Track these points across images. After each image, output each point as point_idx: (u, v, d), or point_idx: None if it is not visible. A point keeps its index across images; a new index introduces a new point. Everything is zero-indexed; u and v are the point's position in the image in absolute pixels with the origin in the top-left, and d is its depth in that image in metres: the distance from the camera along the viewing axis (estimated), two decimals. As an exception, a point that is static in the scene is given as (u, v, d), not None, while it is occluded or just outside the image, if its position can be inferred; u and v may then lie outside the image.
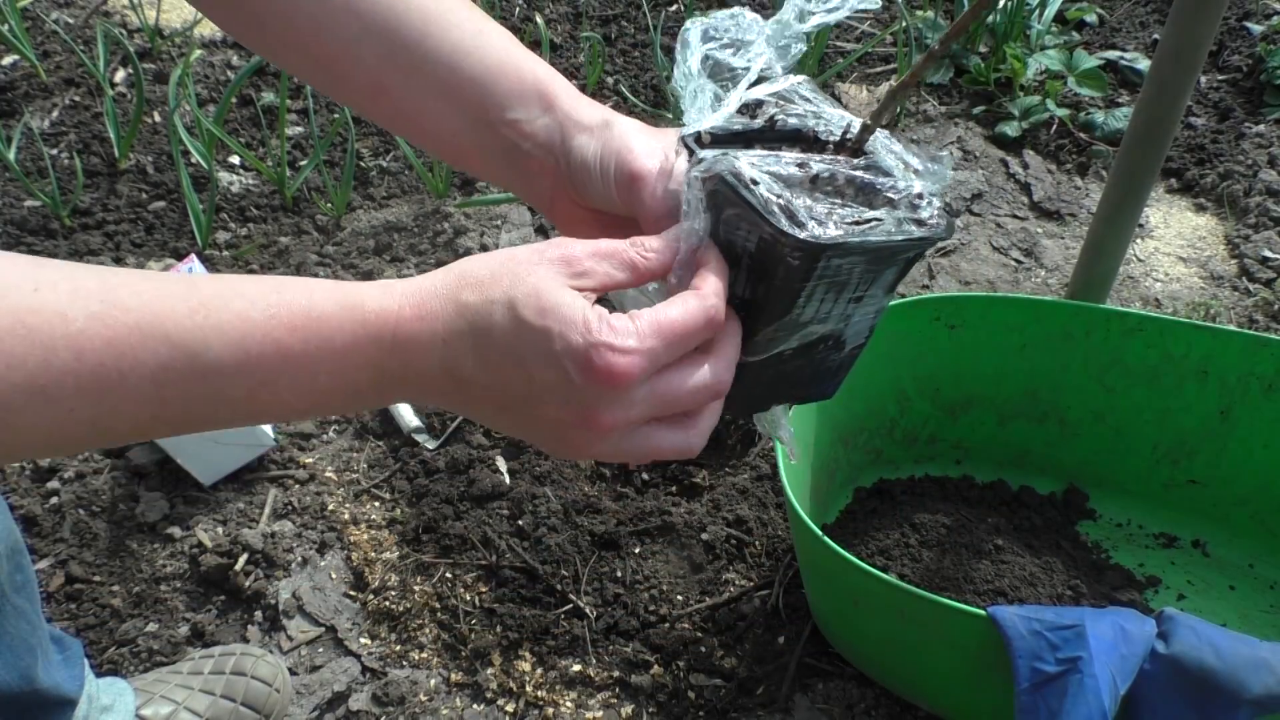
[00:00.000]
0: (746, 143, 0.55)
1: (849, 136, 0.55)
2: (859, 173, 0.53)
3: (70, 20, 2.03)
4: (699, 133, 0.53)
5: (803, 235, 0.47)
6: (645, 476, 1.27)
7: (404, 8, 0.59)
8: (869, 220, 0.51)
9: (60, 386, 0.42)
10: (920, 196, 0.55)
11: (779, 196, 0.49)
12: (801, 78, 0.57)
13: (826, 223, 0.49)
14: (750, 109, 0.56)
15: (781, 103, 0.56)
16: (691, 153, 0.52)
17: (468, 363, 0.48)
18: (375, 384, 0.49)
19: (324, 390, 0.48)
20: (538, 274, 0.48)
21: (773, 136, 0.56)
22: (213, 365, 0.44)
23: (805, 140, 0.56)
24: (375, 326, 0.47)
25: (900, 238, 0.51)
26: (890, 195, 0.54)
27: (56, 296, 0.42)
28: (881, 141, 0.56)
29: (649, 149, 0.57)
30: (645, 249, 0.51)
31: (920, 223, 0.53)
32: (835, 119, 0.56)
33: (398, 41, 0.59)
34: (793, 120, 0.56)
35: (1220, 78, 1.96)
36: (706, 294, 0.49)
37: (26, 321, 0.41)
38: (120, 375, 0.43)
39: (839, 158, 0.54)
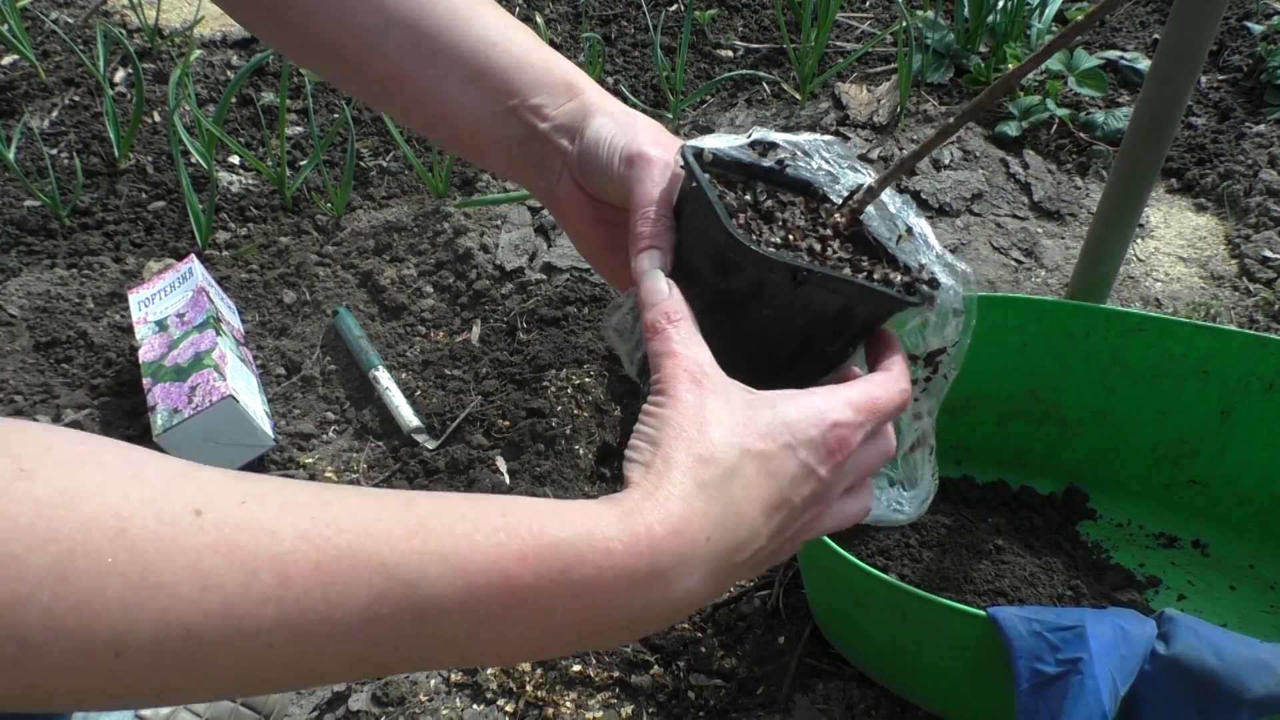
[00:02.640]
0: (749, 176, 0.55)
1: (855, 198, 0.54)
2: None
3: (70, 20, 2.03)
4: (702, 149, 0.53)
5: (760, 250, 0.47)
6: (645, 477, 1.27)
7: (430, 3, 0.59)
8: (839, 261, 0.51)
9: (259, 617, 0.36)
10: (910, 270, 0.54)
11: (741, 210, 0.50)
12: (831, 138, 0.57)
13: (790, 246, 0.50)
14: (761, 147, 0.56)
15: (800, 155, 0.56)
16: (688, 169, 0.51)
17: (740, 534, 0.46)
18: (627, 625, 0.44)
19: (559, 631, 0.42)
20: (737, 401, 0.47)
21: (778, 180, 0.56)
22: (430, 597, 0.39)
23: (811, 194, 0.56)
24: (623, 555, 0.42)
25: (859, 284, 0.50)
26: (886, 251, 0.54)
27: (265, 512, 0.37)
28: (912, 222, 0.55)
29: (661, 140, 0.57)
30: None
31: (889, 283, 0.52)
32: (849, 180, 0.56)
33: (422, 32, 0.59)
34: (804, 173, 0.56)
35: (1220, 78, 1.96)
36: (899, 375, 0.52)
37: (230, 538, 0.36)
38: (328, 606, 0.37)
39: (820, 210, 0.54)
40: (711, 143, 0.54)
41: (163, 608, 0.35)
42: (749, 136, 0.55)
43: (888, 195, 0.54)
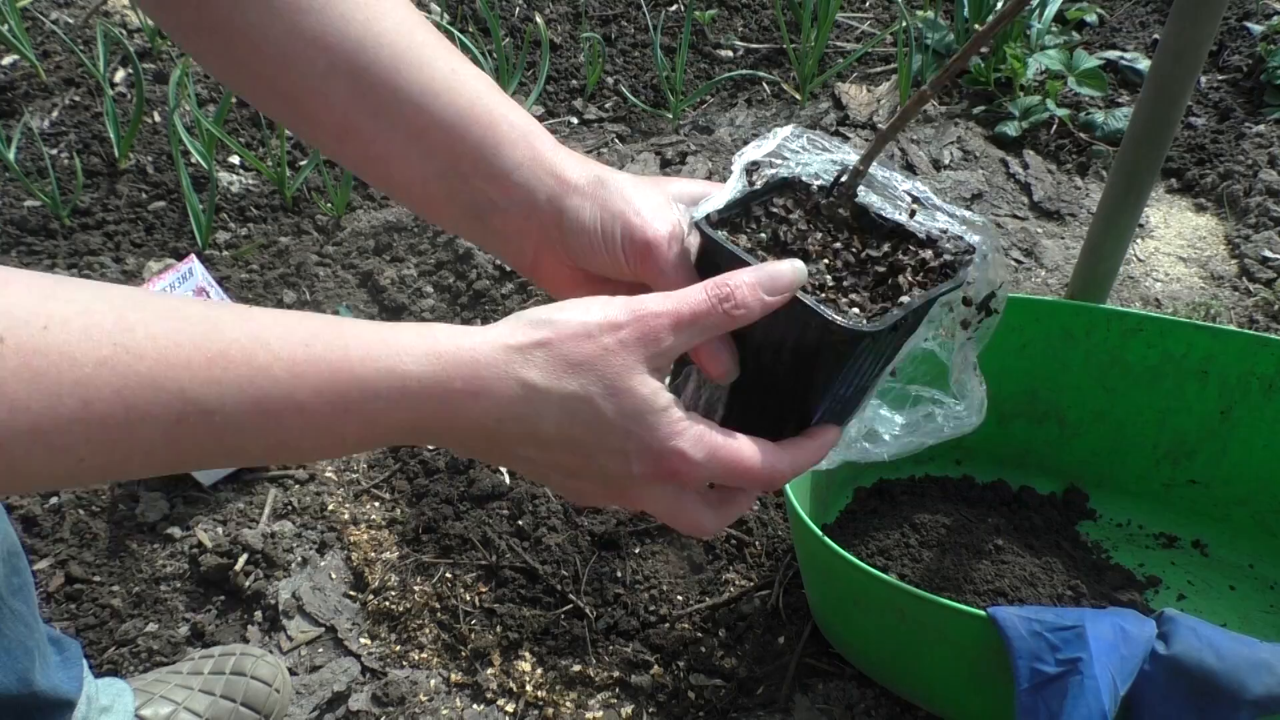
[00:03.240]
0: (745, 207, 0.55)
1: (841, 181, 0.55)
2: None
3: (70, 20, 2.03)
4: (708, 214, 0.53)
5: (844, 324, 0.48)
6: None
7: (375, 44, 0.54)
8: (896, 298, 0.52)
9: (68, 435, 0.39)
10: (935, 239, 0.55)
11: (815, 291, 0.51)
12: (788, 129, 0.57)
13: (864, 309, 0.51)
14: (752, 172, 0.56)
15: (776, 160, 0.57)
16: (704, 235, 0.52)
17: (524, 443, 0.47)
18: (409, 436, 0.47)
19: (350, 443, 0.46)
20: (614, 362, 0.46)
21: (764, 191, 0.56)
22: (227, 423, 0.42)
23: (797, 187, 0.57)
24: (416, 395, 0.45)
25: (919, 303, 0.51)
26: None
27: (67, 336, 0.39)
28: (903, 187, 0.57)
29: (653, 208, 0.54)
30: (735, 305, 0.48)
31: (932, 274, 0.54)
32: (819, 164, 0.57)
33: (365, 79, 0.54)
34: (782, 172, 0.56)
35: (1220, 78, 1.96)
36: (788, 460, 0.51)
37: (32, 364, 0.38)
38: (130, 427, 0.40)
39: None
40: (712, 204, 0.53)
41: None
42: (739, 166, 0.55)
43: (873, 168, 0.56)
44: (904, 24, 1.80)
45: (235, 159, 1.73)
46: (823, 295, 0.51)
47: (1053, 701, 0.77)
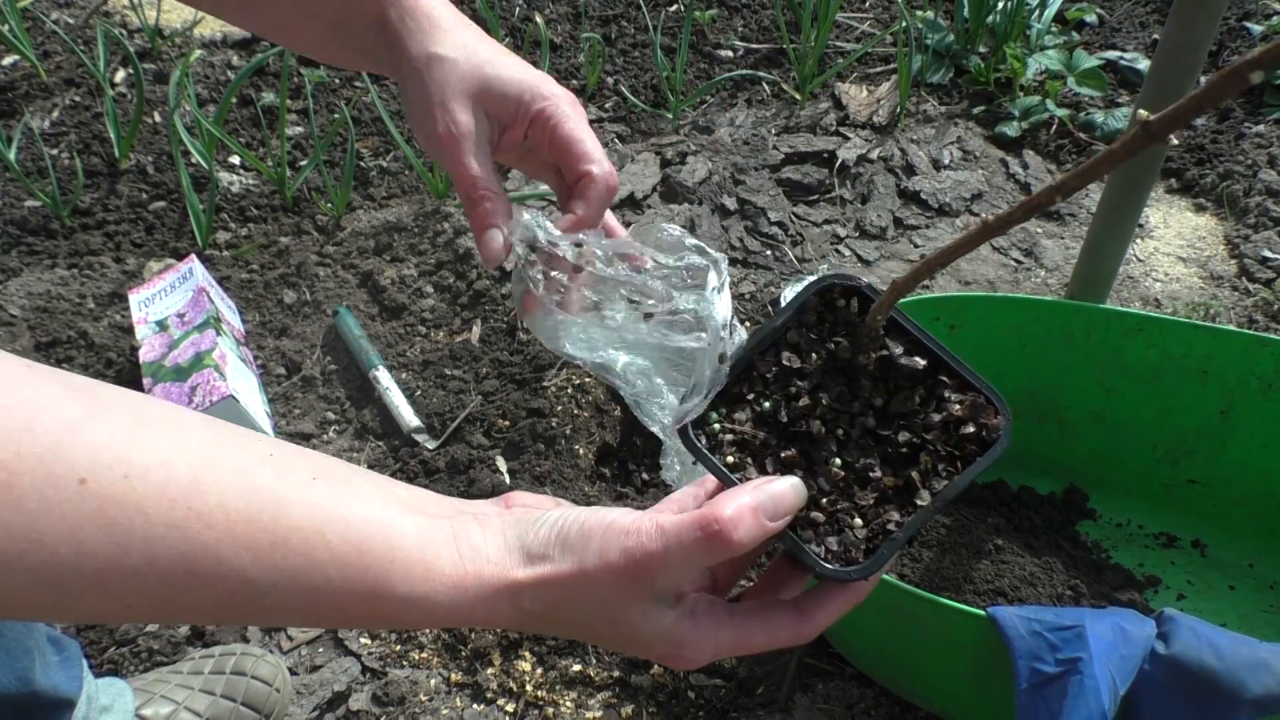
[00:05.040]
0: (748, 365, 0.54)
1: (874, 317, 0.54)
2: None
3: (70, 20, 2.03)
4: (690, 424, 0.53)
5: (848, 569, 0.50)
6: (645, 477, 1.27)
7: None
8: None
9: (125, 585, 0.40)
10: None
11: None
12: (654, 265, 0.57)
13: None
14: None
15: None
16: (689, 445, 0.52)
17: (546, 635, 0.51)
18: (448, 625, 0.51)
19: (377, 628, 0.50)
20: (611, 603, 0.48)
21: (767, 341, 0.55)
22: (275, 605, 0.44)
23: (806, 315, 0.56)
24: (444, 618, 0.48)
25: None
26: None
27: (145, 490, 0.40)
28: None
29: (465, 100, 0.60)
30: (734, 544, 0.47)
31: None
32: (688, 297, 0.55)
33: None
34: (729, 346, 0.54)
35: (1220, 78, 1.96)
36: (805, 630, 0.51)
37: (107, 512, 0.39)
38: (186, 590, 0.42)
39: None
40: (691, 413, 0.52)
41: (40, 561, 0.39)
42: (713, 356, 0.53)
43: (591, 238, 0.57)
44: (904, 24, 1.80)
45: (235, 159, 1.73)
46: (825, 505, 0.51)
47: (1053, 701, 0.77)
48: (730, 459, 0.52)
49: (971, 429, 0.54)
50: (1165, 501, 1.18)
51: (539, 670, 1.05)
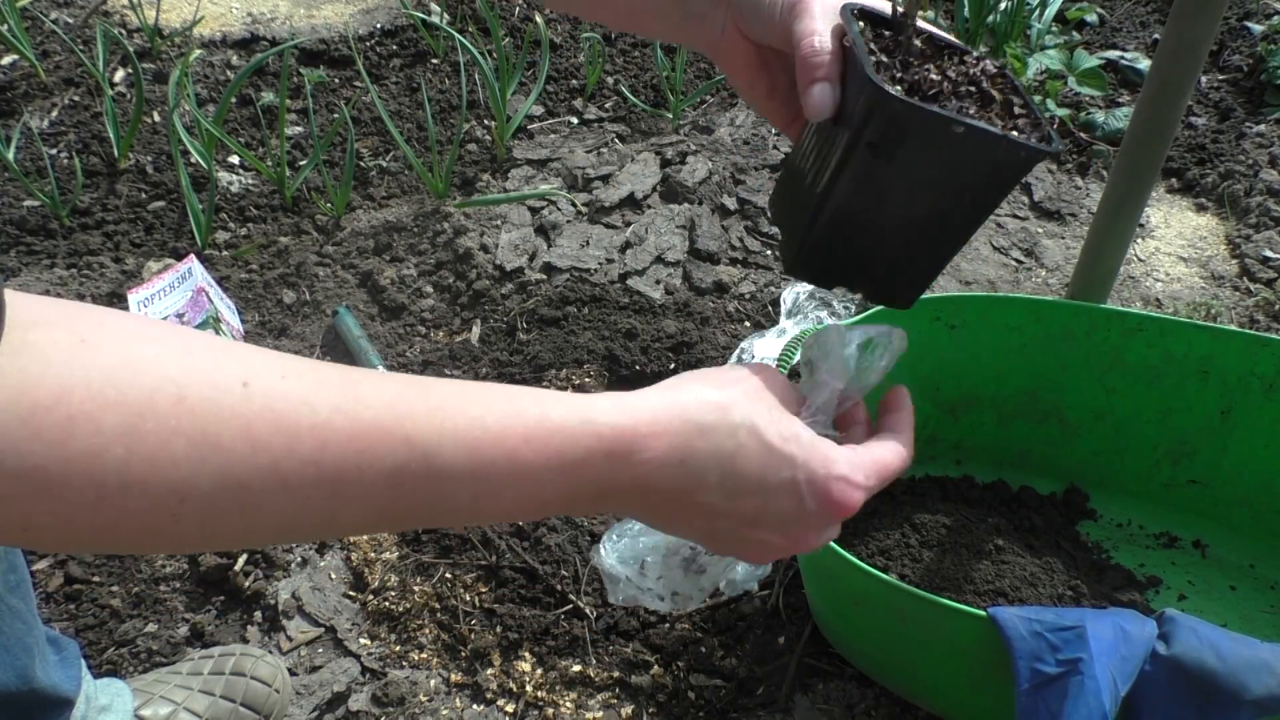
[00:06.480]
0: (898, 38, 0.59)
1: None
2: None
3: (70, 20, 2.03)
4: (859, 5, 0.57)
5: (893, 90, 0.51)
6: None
7: None
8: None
9: (301, 476, 0.41)
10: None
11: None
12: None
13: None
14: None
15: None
16: (845, 21, 0.56)
17: (708, 485, 0.50)
18: (597, 496, 0.50)
19: (547, 500, 0.48)
20: (771, 400, 0.52)
21: (927, 41, 0.60)
22: (445, 469, 0.44)
23: (963, 53, 0.60)
24: (610, 440, 0.48)
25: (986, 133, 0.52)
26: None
27: (302, 385, 0.42)
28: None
29: None
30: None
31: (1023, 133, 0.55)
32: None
33: None
34: (951, 35, 0.61)
35: (1221, 77, 1.96)
36: (908, 442, 0.57)
37: (274, 407, 0.41)
38: (359, 470, 0.42)
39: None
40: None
41: (220, 464, 0.39)
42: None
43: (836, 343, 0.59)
44: (904, 24, 1.80)
45: (235, 159, 1.73)
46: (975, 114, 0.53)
47: (1053, 702, 0.77)
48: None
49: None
50: (1166, 502, 1.17)
51: (539, 671, 1.04)
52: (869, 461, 0.54)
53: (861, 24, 0.57)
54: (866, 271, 0.62)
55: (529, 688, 1.03)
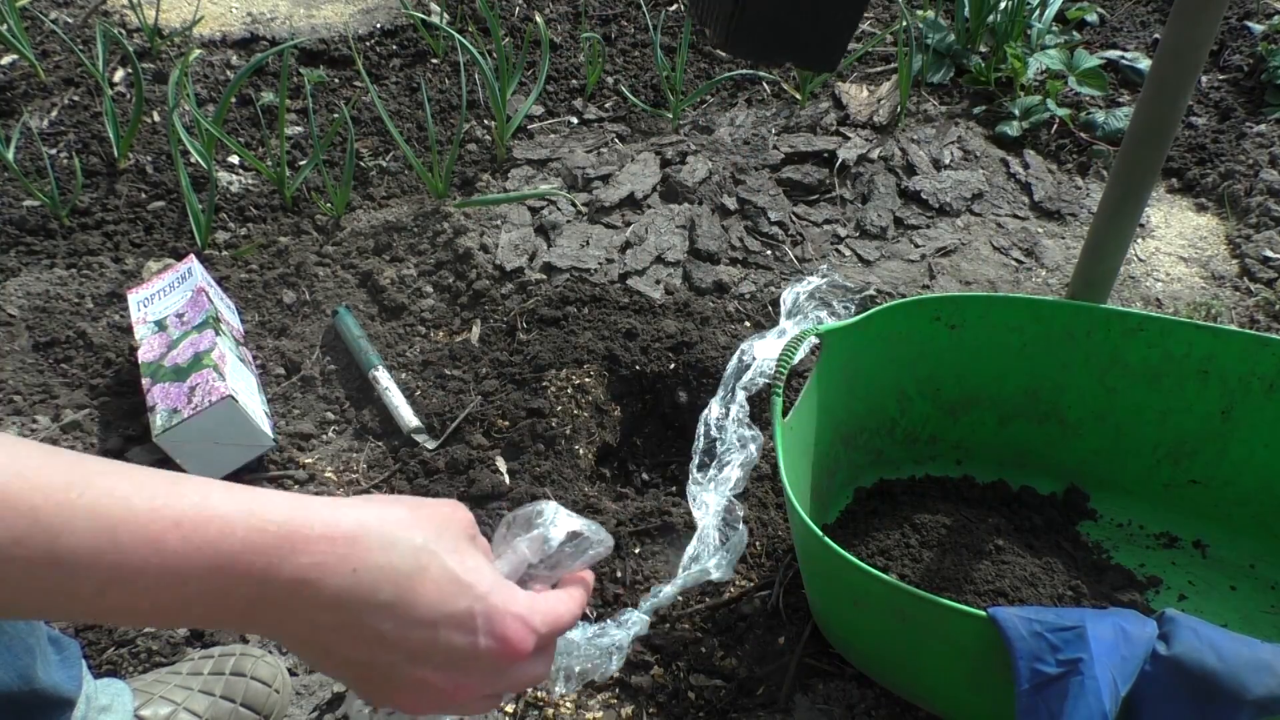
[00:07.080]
0: None
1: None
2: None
3: (69, 20, 2.03)
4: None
5: None
6: (645, 477, 1.27)
7: None
8: None
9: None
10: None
11: None
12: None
13: None
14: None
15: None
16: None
17: (379, 603, 0.45)
18: (251, 604, 0.44)
19: (189, 600, 0.42)
20: (461, 534, 0.50)
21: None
22: (70, 550, 0.40)
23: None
24: (275, 536, 0.43)
25: None
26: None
27: None
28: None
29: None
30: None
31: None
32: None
33: None
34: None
35: (1221, 77, 1.96)
36: (581, 598, 0.57)
37: None
38: None
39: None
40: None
41: None
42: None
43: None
44: (904, 24, 1.80)
45: (235, 159, 1.73)
46: None
47: (1053, 702, 0.77)
48: None
49: None
50: (1166, 502, 1.17)
51: (539, 671, 1.04)
52: (546, 609, 0.52)
53: None
54: (795, 39, 0.64)
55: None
